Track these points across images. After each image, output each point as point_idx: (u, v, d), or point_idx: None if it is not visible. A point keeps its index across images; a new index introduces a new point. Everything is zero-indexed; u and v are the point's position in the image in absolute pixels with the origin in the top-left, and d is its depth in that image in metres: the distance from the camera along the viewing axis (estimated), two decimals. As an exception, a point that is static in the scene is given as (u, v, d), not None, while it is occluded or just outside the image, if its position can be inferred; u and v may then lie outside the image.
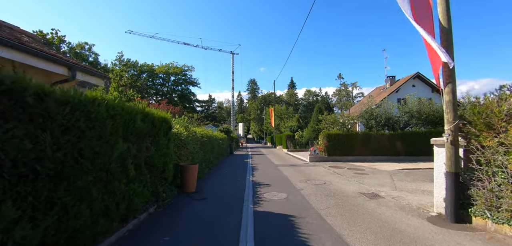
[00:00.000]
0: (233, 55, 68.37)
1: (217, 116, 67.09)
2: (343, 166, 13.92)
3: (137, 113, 4.74)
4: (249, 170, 12.56)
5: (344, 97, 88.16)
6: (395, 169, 12.97)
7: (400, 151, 16.76)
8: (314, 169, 12.78)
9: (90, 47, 47.52)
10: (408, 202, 6.41)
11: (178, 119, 9.49)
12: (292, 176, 10.33)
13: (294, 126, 34.29)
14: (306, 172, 11.70)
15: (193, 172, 7.36)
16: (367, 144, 16.69)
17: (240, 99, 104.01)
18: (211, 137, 13.68)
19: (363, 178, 10.07)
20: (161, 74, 57.13)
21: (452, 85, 4.90)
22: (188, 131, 9.17)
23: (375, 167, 13.81)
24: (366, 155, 16.66)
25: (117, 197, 4.06)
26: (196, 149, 9.99)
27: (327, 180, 9.38)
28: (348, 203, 6.28)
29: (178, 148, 7.68)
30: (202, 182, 9.08)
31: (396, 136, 16.83)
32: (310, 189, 7.78)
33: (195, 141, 9.66)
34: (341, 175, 10.79)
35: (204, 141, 11.19)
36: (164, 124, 6.09)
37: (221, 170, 12.75)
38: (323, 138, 16.71)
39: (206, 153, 12.04)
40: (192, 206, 5.95)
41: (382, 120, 17.30)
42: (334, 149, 16.47)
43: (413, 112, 17.31)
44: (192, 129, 10.82)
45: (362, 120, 18.01)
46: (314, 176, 10.36)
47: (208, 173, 11.37)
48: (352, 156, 16.56)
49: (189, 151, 8.80)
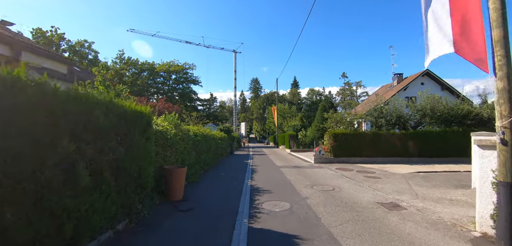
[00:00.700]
0: (236, 53, 67.33)
1: (218, 115, 66.02)
2: (351, 168, 12.74)
3: (95, 104, 3.66)
4: (248, 172, 11.45)
5: (348, 96, 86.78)
6: (409, 172, 11.77)
7: (412, 152, 15.52)
8: (319, 171, 11.63)
9: (89, 44, 46.81)
10: (439, 215, 5.24)
11: (168, 116, 8.41)
12: (296, 180, 9.19)
13: (298, 125, 33.10)
14: (311, 175, 10.56)
15: (179, 176, 6.27)
16: (377, 144, 15.47)
17: (243, 99, 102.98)
18: (207, 136, 12.59)
19: (375, 182, 8.90)
20: (162, 72, 56.26)
21: (507, 68, 3.74)
22: (177, 129, 8.07)
23: (386, 169, 12.62)
24: (376, 156, 15.45)
25: (58, 215, 2.97)
26: (188, 149, 8.90)
27: (336, 185, 8.23)
28: (365, 216, 5.13)
29: (163, 148, 6.58)
30: (194, 187, 7.99)
31: (407, 135, 15.59)
32: (317, 197, 6.64)
33: (186, 141, 8.57)
34: (350, 179, 9.62)
35: (198, 141, 10.10)
36: (140, 119, 4.99)
37: (218, 172, 11.65)
38: (329, 138, 15.54)
39: (201, 154, 10.94)
40: (173, 220, 4.85)
41: (392, 119, 16.07)
42: (340, 149, 15.29)
43: (426, 110, 16.07)
44: (185, 127, 9.74)
45: (371, 119, 16.80)
46: (320, 180, 9.21)
47: (202, 175, 10.28)
48: (360, 157, 15.36)
49: (178, 151, 7.71)
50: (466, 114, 15.84)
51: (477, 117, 15.95)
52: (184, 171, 6.42)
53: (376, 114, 16.58)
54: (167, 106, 26.20)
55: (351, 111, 20.05)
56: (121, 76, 53.04)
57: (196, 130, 11.27)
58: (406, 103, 17.18)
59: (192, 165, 9.26)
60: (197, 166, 10.10)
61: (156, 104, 25.52)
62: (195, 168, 9.39)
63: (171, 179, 6.16)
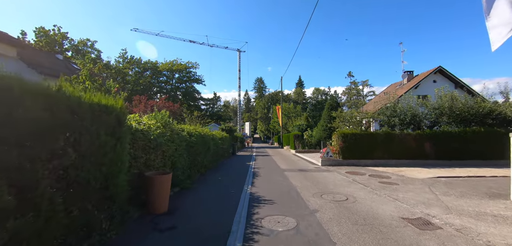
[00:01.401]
0: (240, 52, 66.24)
1: (222, 115, 65.03)
2: (363, 172, 11.56)
3: (25, 92, 2.62)
4: (249, 176, 10.38)
5: (354, 96, 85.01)
6: (429, 176, 10.56)
7: (428, 153, 14.25)
8: (328, 176, 10.48)
9: (92, 43, 46.30)
10: (487, 239, 4.08)
11: (157, 113, 7.40)
12: (302, 186, 8.08)
13: (303, 124, 31.90)
14: (319, 180, 9.43)
15: (163, 184, 5.22)
16: (390, 145, 14.24)
17: (247, 99, 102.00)
18: (205, 136, 11.56)
19: (394, 190, 7.73)
20: (165, 71, 55.51)
21: None
22: (167, 128, 7.05)
23: (402, 173, 11.42)
24: (388, 158, 14.22)
25: None
26: (181, 151, 7.87)
27: (349, 194, 7.09)
28: (391, 238, 4.01)
29: (145, 150, 5.55)
30: (185, 194, 6.94)
31: (424, 136, 14.31)
32: (328, 211, 5.52)
33: (177, 141, 7.53)
34: (364, 185, 8.46)
35: (192, 141, 9.06)
36: (107, 115, 3.95)
37: (216, 175, 10.60)
38: (337, 138, 14.36)
39: (197, 156, 9.91)
40: (145, 245, 3.80)
41: (407, 118, 14.80)
42: (350, 151, 14.09)
43: (444, 109, 14.77)
44: (179, 126, 8.72)
45: (383, 117, 15.54)
46: (330, 187, 8.08)
47: (198, 180, 9.24)
48: (371, 159, 14.15)
49: (167, 154, 6.67)
50: (488, 113, 14.50)
51: (499, 116, 14.59)
52: (168, 179, 5.37)
53: (389, 113, 15.32)
54: (168, 105, 25.35)
55: (361, 109, 18.79)
56: (124, 75, 52.51)
57: (192, 130, 10.25)
58: (422, 101, 15.85)
59: (184, 169, 8.23)
60: (191, 170, 9.07)
61: (156, 103, 24.67)
62: (188, 172, 8.35)
63: (152, 188, 5.12)
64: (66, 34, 45.41)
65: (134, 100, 25.10)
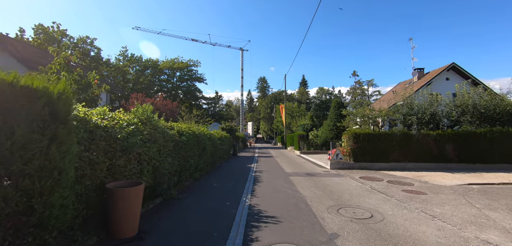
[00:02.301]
0: (243, 51, 64.86)
1: (224, 114, 63.61)
2: (380, 177, 10.15)
3: None
4: (250, 181, 9.03)
5: (359, 95, 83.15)
6: (458, 184, 9.12)
7: (450, 156, 12.77)
8: (341, 182, 9.08)
9: (91, 41, 45.22)
10: None
11: (138, 107, 6.08)
12: (313, 196, 6.70)
13: (308, 124, 30.46)
14: (331, 187, 8.04)
15: (130, 199, 3.89)
16: (406, 146, 12.78)
17: (250, 98, 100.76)
18: (200, 135, 10.23)
19: (426, 203, 6.32)
20: (166, 70, 54.35)
21: None
22: (147, 125, 5.73)
23: (424, 179, 10.01)
24: (405, 160, 12.77)
25: None
26: (166, 153, 6.55)
27: (372, 208, 5.70)
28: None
29: (109, 154, 4.21)
30: (166, 209, 5.60)
31: (445, 137, 12.82)
32: (353, 235, 4.14)
33: (161, 142, 6.21)
34: (387, 195, 7.06)
35: (182, 141, 7.73)
36: (27, 102, 2.63)
37: (211, 181, 9.26)
38: (348, 138, 12.95)
39: (189, 158, 8.59)
40: None
41: (426, 117, 13.32)
42: (363, 152, 12.66)
43: (467, 107, 13.27)
44: (166, 124, 7.41)
45: (398, 116, 14.08)
46: (346, 197, 6.69)
47: (188, 187, 7.92)
48: (386, 162, 12.71)
49: (144, 158, 5.34)
50: (517, 111, 12.98)
51: None
52: (138, 192, 4.04)
53: (405, 110, 13.85)
54: (165, 103, 24.13)
55: (375, 108, 17.27)
56: (124, 74, 51.51)
57: (185, 128, 8.94)
58: (442, 98, 14.34)
59: (171, 175, 6.91)
60: (181, 175, 7.74)
61: (153, 101, 23.46)
62: (175, 179, 7.02)
63: (116, 204, 3.79)
64: (65, 32, 44.47)
65: (131, 98, 23.96)
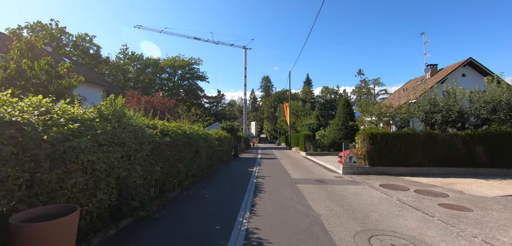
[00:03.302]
0: (246, 50, 63.26)
1: (226, 114, 62.02)
2: (404, 186, 8.55)
3: None
4: (250, 191, 7.50)
5: (365, 95, 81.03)
6: (501, 194, 7.56)
7: (481, 160, 11.10)
8: (360, 192, 7.51)
9: (90, 38, 44.14)
10: None
11: (104, 99, 4.62)
12: (330, 216, 5.15)
13: (314, 123, 28.80)
14: (350, 200, 6.47)
15: (53, 240, 2.38)
16: (430, 148, 11.13)
17: (253, 98, 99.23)
18: (192, 135, 8.73)
19: (478, 225, 4.74)
20: (167, 68, 53.03)
21: None
22: (112, 122, 4.26)
23: (456, 186, 8.47)
24: (429, 165, 11.14)
25: None
26: (140, 159, 5.07)
27: (417, 236, 4.12)
28: None
29: (24, 164, 2.71)
30: (130, 237, 4.11)
31: (475, 137, 11.15)
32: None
33: (131, 144, 4.73)
34: (424, 213, 5.48)
35: (165, 143, 6.23)
36: None
37: (203, 191, 7.74)
38: (363, 139, 11.34)
39: (174, 164, 7.10)
40: None
41: (453, 115, 11.65)
42: (380, 155, 11.05)
43: (501, 103, 11.56)
44: (137, 120, 5.93)
45: (420, 114, 12.42)
46: (373, 216, 5.13)
47: (173, 199, 6.42)
48: (407, 166, 11.09)
49: (99, 167, 3.84)
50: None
51: None
52: (66, 225, 2.54)
53: (427, 107, 12.19)
54: (163, 101, 22.75)
55: (389, 104, 15.59)
56: (125, 72, 50.40)
57: (174, 126, 7.47)
58: (470, 94, 12.63)
59: (147, 187, 5.43)
60: (164, 185, 6.27)
61: (150, 98, 22.08)
62: (151, 193, 5.51)
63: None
64: (65, 29, 43.40)
65: (127, 96, 22.63)
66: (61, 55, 28.84)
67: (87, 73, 24.52)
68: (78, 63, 29.11)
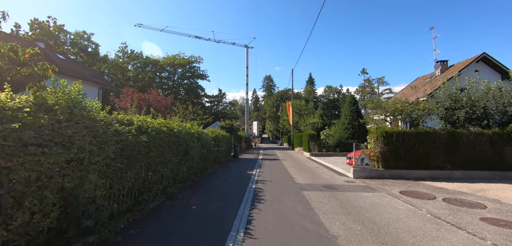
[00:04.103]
0: (248, 49, 61.98)
1: (228, 113, 60.71)
2: (428, 193, 7.29)
3: None
4: (247, 200, 6.29)
5: (368, 94, 79.46)
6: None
7: (510, 162, 9.81)
8: (380, 202, 6.26)
9: (88, 36, 43.19)
10: None
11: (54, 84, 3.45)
12: (350, 239, 3.90)
13: (318, 122, 27.51)
14: (371, 214, 5.22)
15: None
16: (454, 149, 9.85)
17: (255, 98, 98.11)
18: (181, 134, 7.52)
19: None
20: (167, 67, 51.91)
21: None
22: (62, 114, 3.07)
23: (489, 194, 7.23)
24: (451, 168, 9.86)
25: None
26: (95, 165, 3.88)
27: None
28: None
29: None
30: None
31: (504, 136, 9.86)
32: None
33: (81, 144, 3.53)
34: (468, 233, 4.23)
35: (140, 143, 5.02)
36: None
37: (191, 199, 6.52)
38: (376, 139, 10.08)
39: (156, 167, 5.91)
40: None
41: (478, 111, 10.36)
42: (396, 157, 9.78)
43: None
44: (117, 116, 4.76)
45: (440, 110, 11.13)
46: (407, 241, 3.87)
47: (149, 214, 5.22)
48: (426, 169, 9.82)
49: (20, 175, 2.64)
50: None
51: None
52: None
53: (448, 103, 10.91)
54: (158, 99, 21.63)
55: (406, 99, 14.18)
56: (124, 71, 49.42)
57: (157, 125, 6.29)
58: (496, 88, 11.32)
59: (109, 200, 4.24)
60: (133, 197, 5.08)
61: (145, 96, 20.97)
62: (111, 210, 4.30)
63: None
64: (63, 27, 42.49)
65: (122, 93, 21.57)
66: (56, 52, 27.87)
67: (83, 71, 23.51)
68: (72, 61, 28.09)
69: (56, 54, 25.12)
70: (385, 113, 12.52)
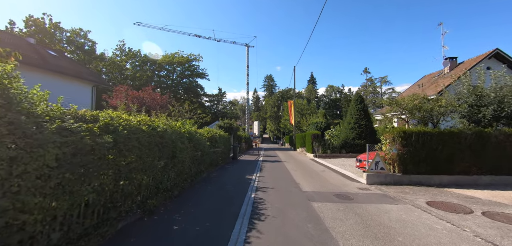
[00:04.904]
0: (248, 47, 60.75)
1: (228, 112, 59.42)
2: (460, 204, 6.09)
3: None
4: (242, 217, 5.11)
5: (371, 94, 78.08)
6: None
7: (547, 166, 8.60)
8: (408, 218, 5.06)
9: (85, 33, 42.05)
10: None
11: None
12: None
13: (322, 122, 26.30)
14: (404, 238, 4.03)
15: None
16: (482, 151, 8.64)
17: (256, 97, 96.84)
18: (166, 133, 6.33)
19: None
20: (166, 65, 50.74)
21: None
22: None
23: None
24: (478, 172, 8.66)
25: None
26: (22, 179, 2.69)
27: None
28: None
29: None
30: None
31: (539, 137, 8.64)
32: None
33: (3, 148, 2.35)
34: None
35: (103, 144, 3.84)
36: None
37: (174, 214, 5.33)
38: (393, 140, 8.87)
39: (130, 175, 4.72)
40: None
41: (507, 107, 9.15)
42: (415, 161, 8.56)
43: None
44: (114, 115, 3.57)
45: (463, 107, 9.93)
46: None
47: (117, 234, 4.05)
48: (449, 174, 8.61)
49: None
50: None
51: None
52: None
53: (472, 99, 9.72)
54: (153, 96, 20.50)
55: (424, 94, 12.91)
56: (121, 69, 48.31)
57: (138, 121, 5.12)
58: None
59: (64, 221, 3.05)
60: (90, 220, 3.90)
61: (139, 94, 19.83)
62: (44, 242, 3.11)
63: None
64: (59, 24, 41.42)
65: (115, 91, 20.43)
66: (48, 49, 26.77)
67: (76, 68, 22.37)
68: (65, 58, 26.95)
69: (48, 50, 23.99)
70: (400, 111, 11.33)
